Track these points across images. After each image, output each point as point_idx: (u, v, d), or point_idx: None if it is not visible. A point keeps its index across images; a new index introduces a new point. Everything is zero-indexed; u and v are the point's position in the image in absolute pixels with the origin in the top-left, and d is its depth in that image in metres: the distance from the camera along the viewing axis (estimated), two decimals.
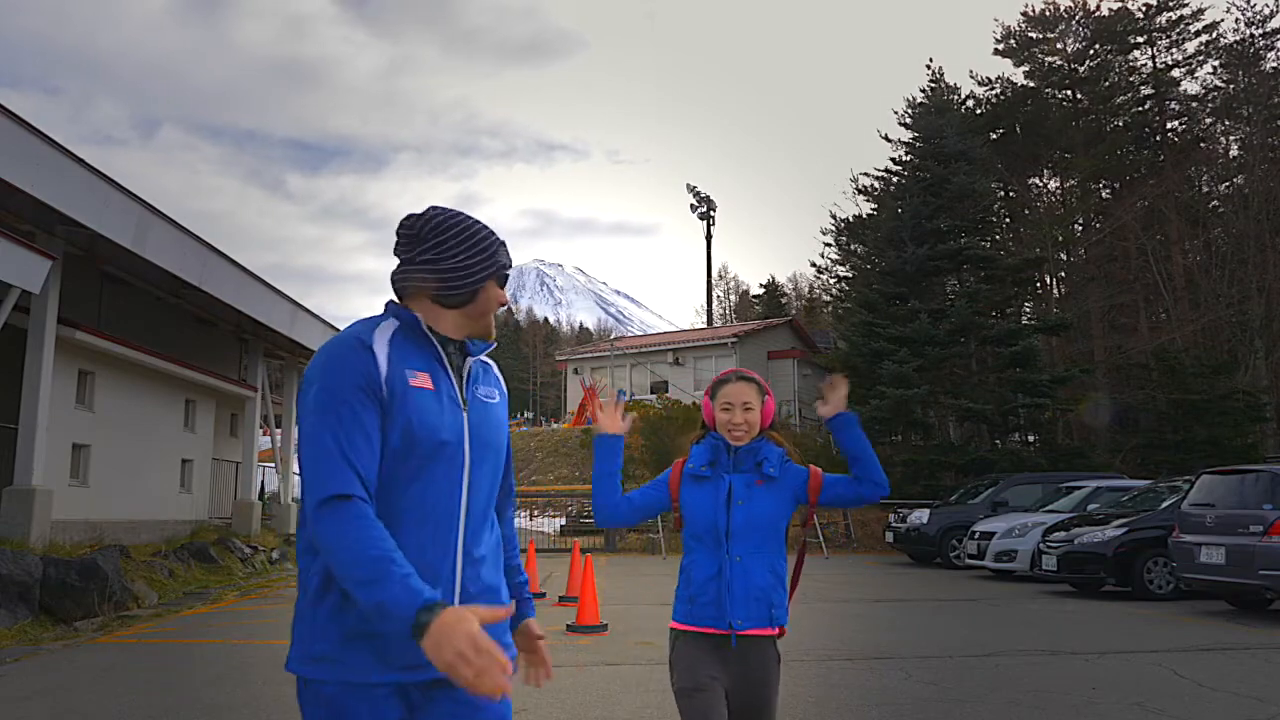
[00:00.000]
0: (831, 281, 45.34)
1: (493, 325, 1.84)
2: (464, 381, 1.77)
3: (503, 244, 1.82)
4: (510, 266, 1.86)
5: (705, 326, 60.27)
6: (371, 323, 1.70)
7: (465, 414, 1.73)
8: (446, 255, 1.74)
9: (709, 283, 67.84)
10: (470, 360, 1.81)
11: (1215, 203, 33.50)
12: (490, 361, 1.96)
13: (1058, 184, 38.07)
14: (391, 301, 1.79)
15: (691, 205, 67.89)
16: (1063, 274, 35.58)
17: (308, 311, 18.39)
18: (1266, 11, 33.88)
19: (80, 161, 10.69)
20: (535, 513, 27.91)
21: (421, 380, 1.67)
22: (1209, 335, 29.78)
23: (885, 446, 25.59)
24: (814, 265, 70.77)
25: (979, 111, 36.26)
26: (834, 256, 42.00)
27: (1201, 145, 34.75)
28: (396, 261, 1.79)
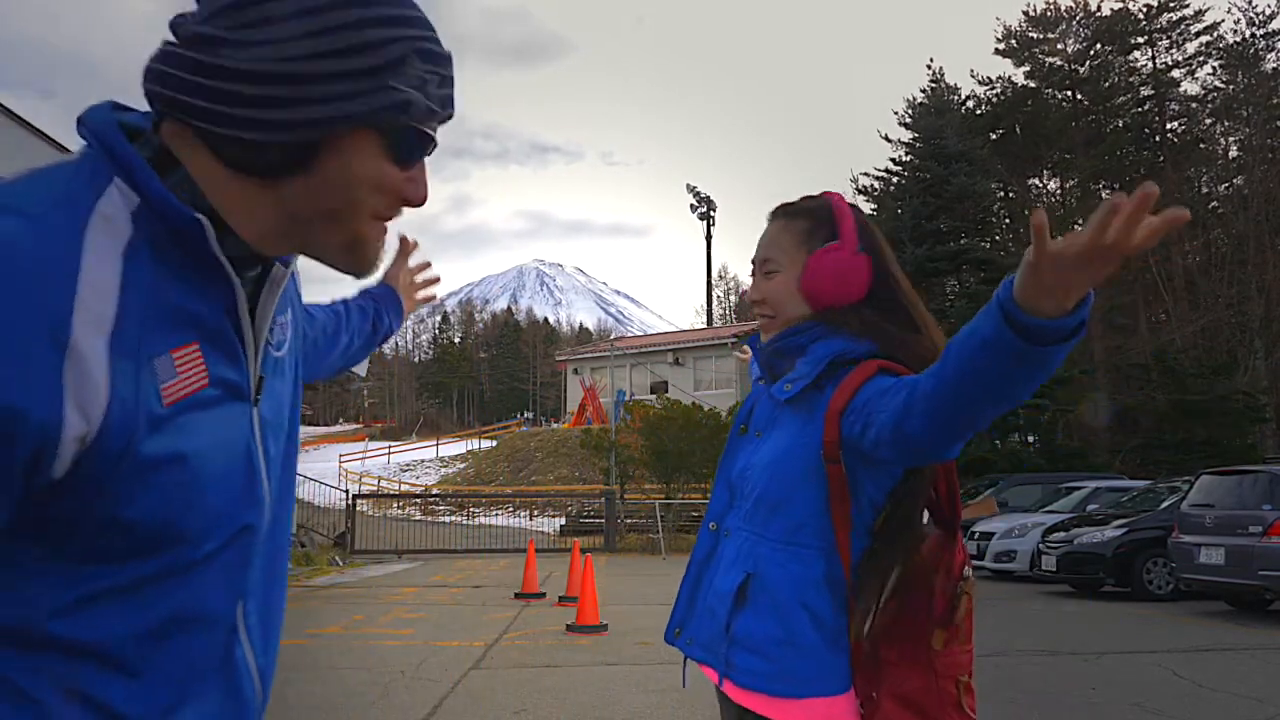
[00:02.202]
0: None
1: (373, 248, 0.87)
2: (257, 338, 0.86)
3: (432, 40, 0.83)
4: (448, 104, 0.86)
5: (705, 326, 60.32)
6: (68, 194, 0.74)
7: (255, 419, 0.85)
8: (289, 34, 0.76)
9: (709, 283, 67.95)
10: (275, 274, 0.87)
11: (1215, 203, 33.50)
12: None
13: (1058, 184, 38.07)
14: (124, 145, 0.77)
15: (691, 205, 67.98)
16: None
17: None
18: (1267, 12, 33.92)
19: None
20: (535, 513, 27.90)
21: (186, 376, 0.76)
22: (1208, 336, 29.78)
23: None
24: None
25: (979, 112, 36.26)
26: None
27: (1201, 146, 34.76)
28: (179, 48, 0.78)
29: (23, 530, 0.72)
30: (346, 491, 22.10)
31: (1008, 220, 35.74)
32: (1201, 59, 35.40)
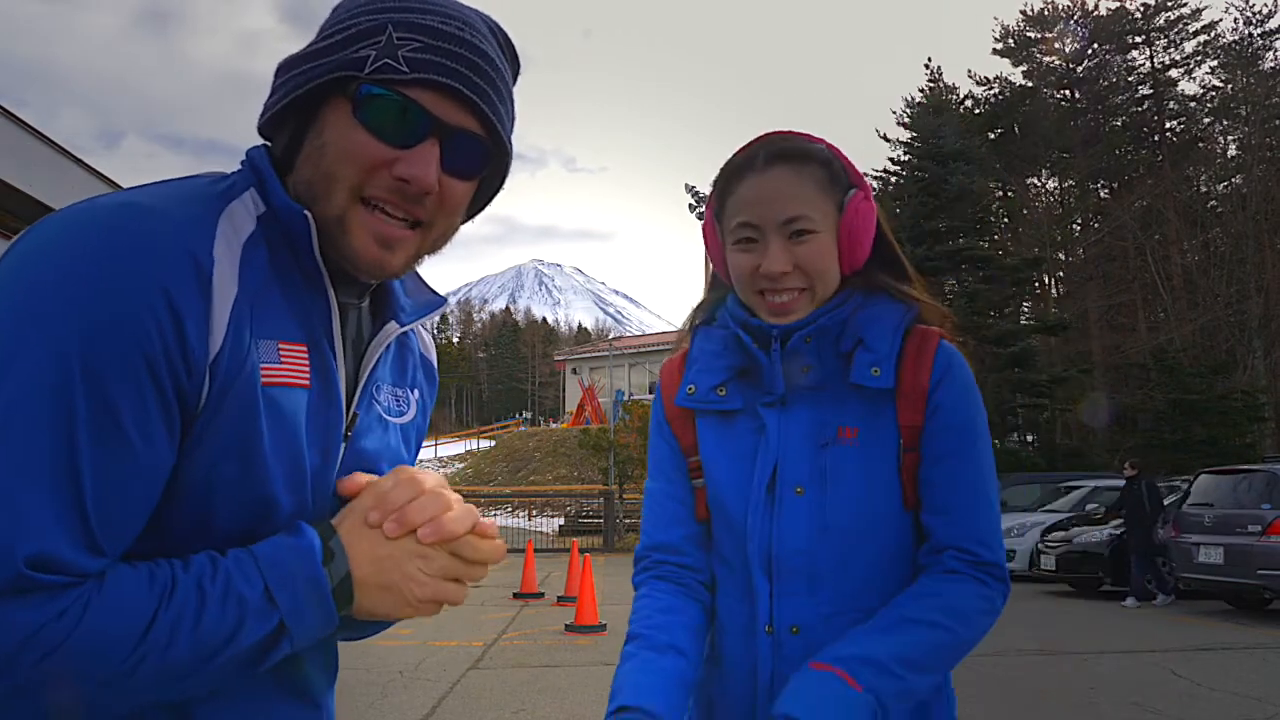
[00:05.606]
0: None
1: (358, 237, 0.85)
2: (359, 375, 0.91)
3: (421, 14, 0.84)
4: (423, 68, 0.82)
5: None
6: (206, 201, 0.81)
7: (343, 447, 0.88)
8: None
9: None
10: (388, 329, 0.93)
11: (1213, 202, 33.54)
12: (421, 332, 1.05)
13: (1056, 184, 38.09)
14: (262, 153, 0.89)
15: (690, 205, 67.97)
16: (1061, 274, 35.59)
17: None
18: (1265, 11, 33.95)
19: (79, 162, 10.69)
20: (534, 513, 27.91)
21: (291, 368, 0.82)
22: (1207, 335, 29.79)
23: None
24: None
25: (977, 111, 36.27)
26: None
27: (1200, 145, 34.79)
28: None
29: None
30: None
31: (1006, 219, 35.74)
32: (1199, 58, 35.43)
